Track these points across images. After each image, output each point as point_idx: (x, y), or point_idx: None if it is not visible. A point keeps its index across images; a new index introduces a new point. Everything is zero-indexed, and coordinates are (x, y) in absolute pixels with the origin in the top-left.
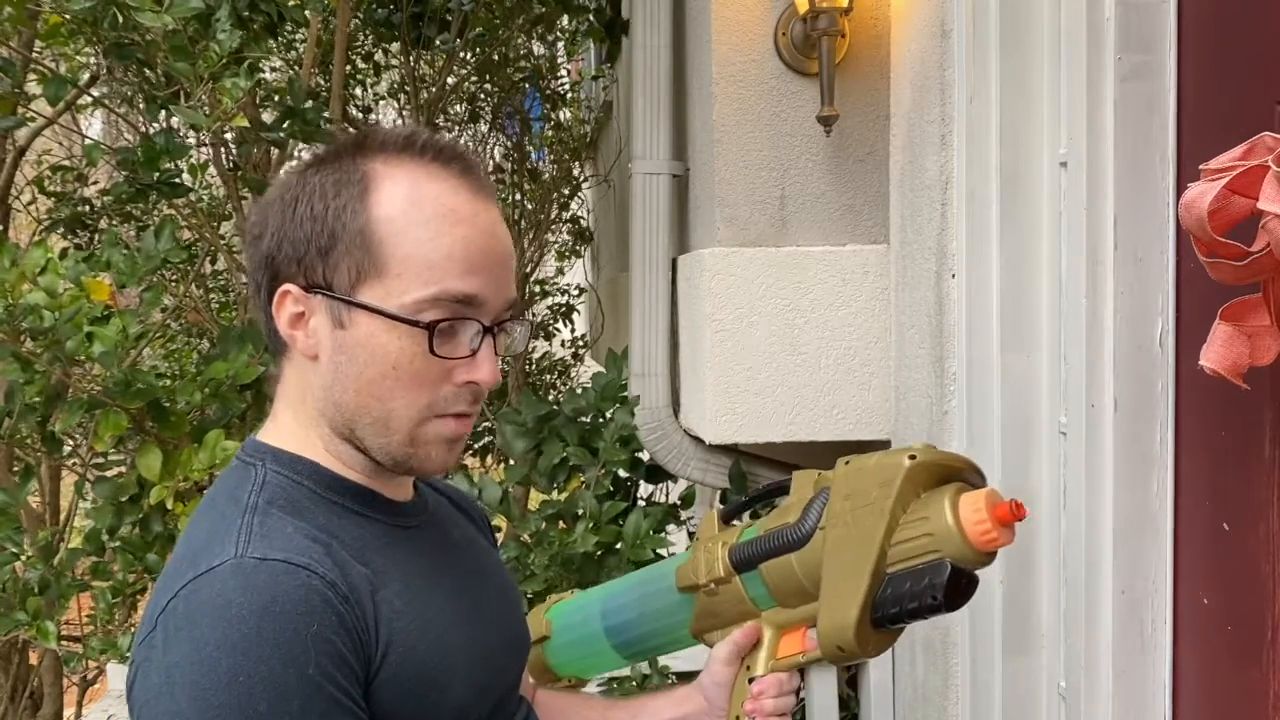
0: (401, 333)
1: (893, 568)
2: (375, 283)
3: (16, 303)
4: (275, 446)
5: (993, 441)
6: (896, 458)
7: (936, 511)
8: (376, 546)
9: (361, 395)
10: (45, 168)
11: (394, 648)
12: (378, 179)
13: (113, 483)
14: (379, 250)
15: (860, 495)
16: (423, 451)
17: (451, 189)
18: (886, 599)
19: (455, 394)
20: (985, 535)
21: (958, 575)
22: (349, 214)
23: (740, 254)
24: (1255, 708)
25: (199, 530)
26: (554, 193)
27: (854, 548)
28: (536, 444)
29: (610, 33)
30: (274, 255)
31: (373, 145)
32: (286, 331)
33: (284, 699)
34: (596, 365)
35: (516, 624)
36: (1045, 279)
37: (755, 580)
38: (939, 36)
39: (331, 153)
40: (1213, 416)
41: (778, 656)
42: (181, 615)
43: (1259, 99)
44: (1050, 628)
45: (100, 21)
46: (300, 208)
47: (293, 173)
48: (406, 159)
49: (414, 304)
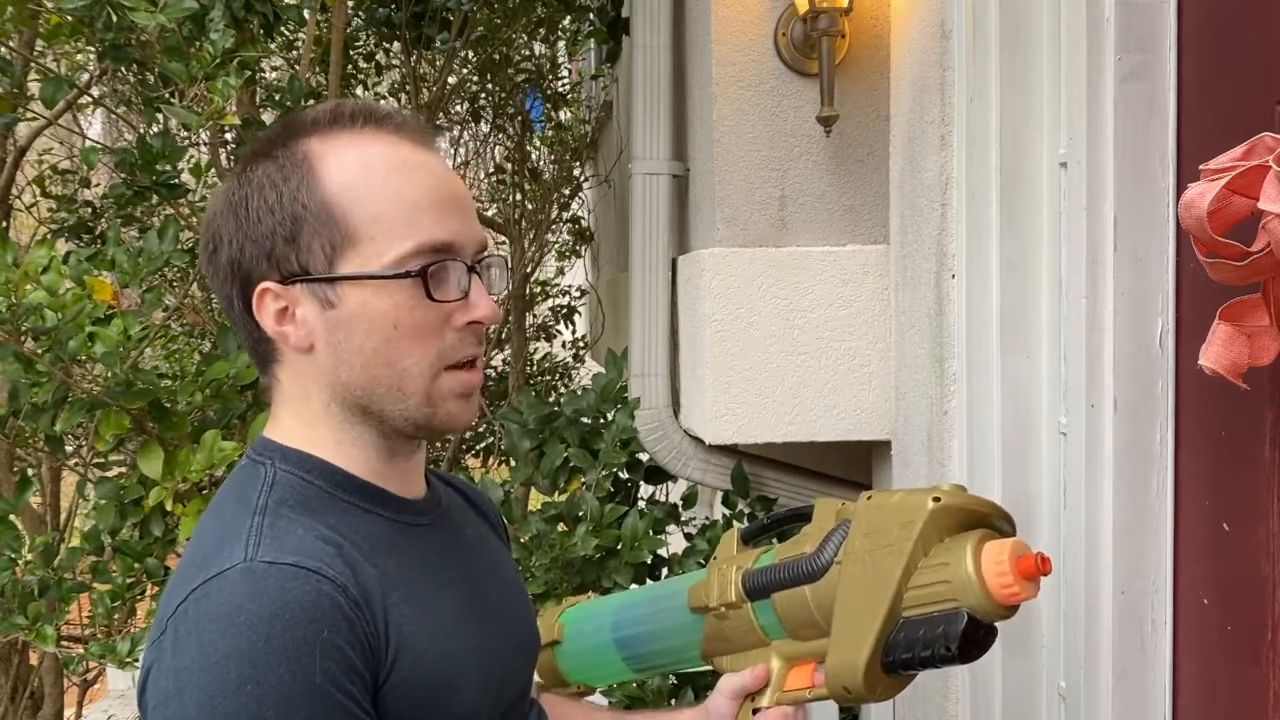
0: (393, 290)
1: (908, 612)
2: (351, 253)
3: (19, 302)
4: (284, 445)
5: (993, 441)
6: (920, 498)
7: (957, 559)
8: (387, 547)
9: (370, 366)
10: (46, 168)
11: (404, 653)
12: (319, 156)
13: (114, 483)
14: (346, 220)
15: (880, 534)
16: (442, 410)
17: (394, 144)
18: (898, 644)
19: (460, 338)
20: (1007, 589)
21: (974, 626)
22: (305, 194)
23: (740, 254)
24: (1255, 708)
25: (209, 531)
26: (554, 193)
27: (869, 588)
28: (538, 444)
29: (612, 33)
30: (238, 261)
31: (302, 127)
32: (274, 329)
33: (292, 707)
34: (597, 366)
35: (527, 625)
36: (1045, 279)
37: (767, 609)
38: (939, 37)
39: (262, 147)
40: (1213, 416)
41: (784, 689)
42: (191, 619)
43: (1259, 99)
44: (1050, 628)
45: (95, 21)
46: (252, 204)
47: (230, 180)
48: (339, 130)
49: (396, 260)
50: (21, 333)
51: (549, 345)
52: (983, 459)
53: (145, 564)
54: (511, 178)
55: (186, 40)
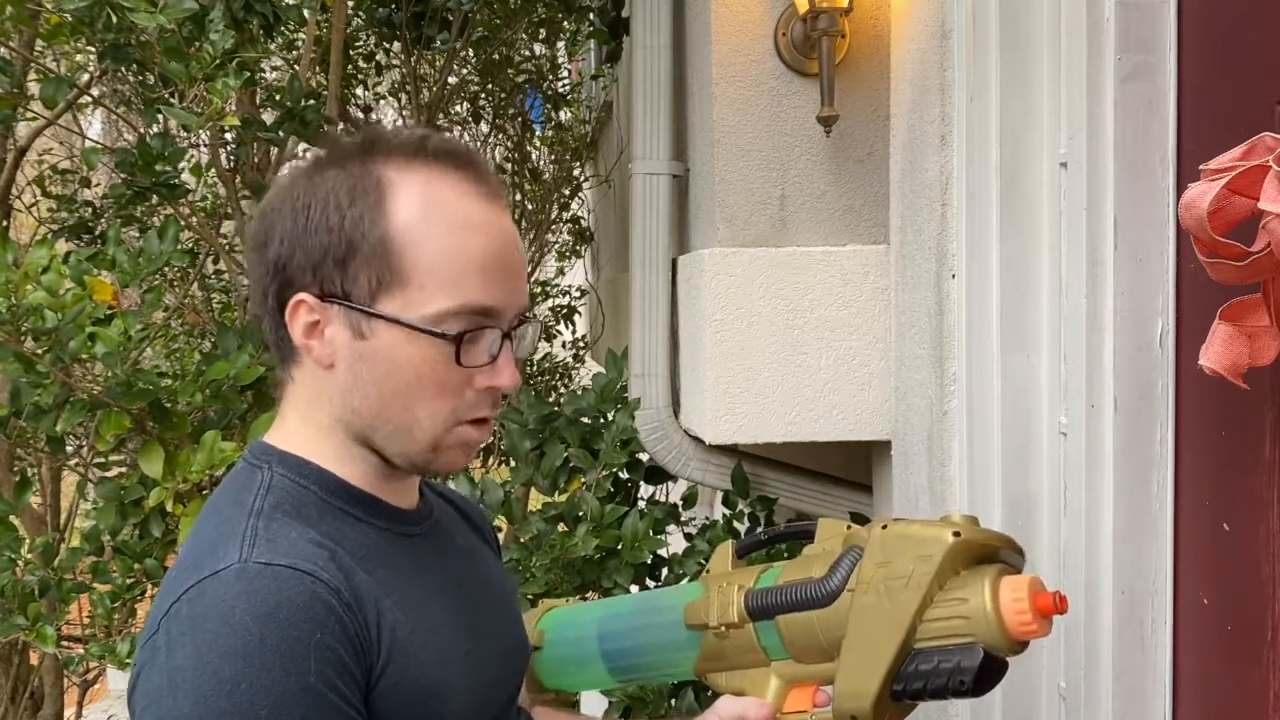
0: (424, 343)
1: (921, 644)
2: (397, 293)
3: (19, 302)
4: (282, 450)
5: (993, 441)
6: (939, 531)
7: (975, 593)
8: (380, 555)
9: (385, 403)
10: (46, 168)
11: (395, 657)
12: (393, 186)
13: (115, 483)
14: (400, 261)
15: (897, 565)
16: (444, 457)
17: (467, 195)
18: (911, 674)
19: (477, 399)
20: (1024, 626)
21: (990, 661)
22: (367, 223)
23: (740, 254)
24: (1255, 708)
25: (204, 533)
26: (554, 193)
27: (884, 618)
28: (538, 445)
29: (612, 33)
30: (285, 263)
31: (382, 149)
32: (301, 341)
33: (285, 707)
34: (597, 365)
35: (517, 634)
36: (1045, 279)
37: (770, 630)
38: (939, 36)
39: (339, 156)
40: (1213, 416)
41: (784, 711)
42: (185, 619)
43: (1259, 99)
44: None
45: (95, 22)
46: (314, 215)
47: (298, 177)
48: (419, 165)
49: (436, 315)
50: (22, 333)
51: (549, 345)
52: (983, 459)
53: (145, 564)
54: (512, 178)
55: (186, 41)
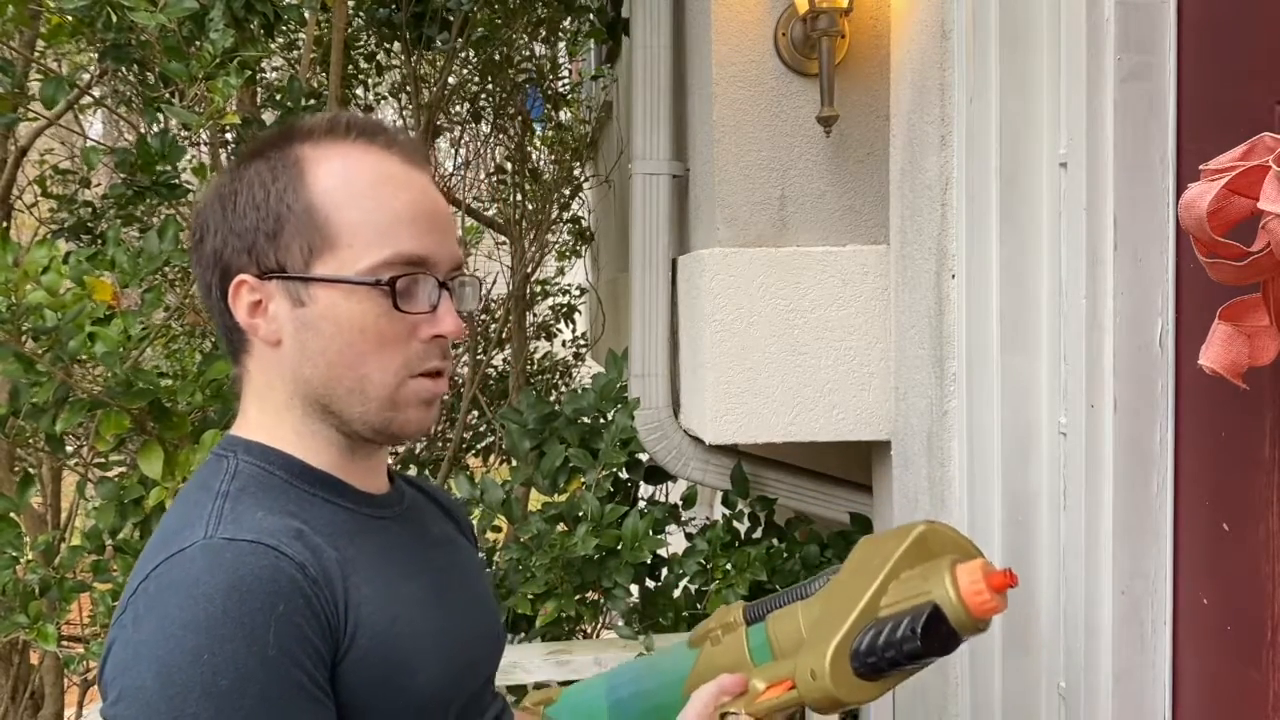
0: (362, 296)
1: (883, 613)
2: (328, 255)
3: (19, 302)
4: (247, 439)
5: (993, 441)
6: (913, 523)
7: (936, 580)
8: (347, 533)
9: (333, 367)
10: (47, 168)
11: (362, 631)
12: (310, 160)
13: (115, 483)
14: (327, 224)
15: (871, 554)
16: (402, 415)
17: (385, 159)
18: (867, 634)
19: (425, 350)
20: (983, 603)
21: (941, 618)
22: (291, 195)
23: (740, 254)
24: (1255, 708)
25: (172, 518)
26: (554, 193)
27: (849, 592)
28: (538, 444)
29: (612, 33)
30: (220, 251)
31: (299, 134)
32: (246, 321)
33: (246, 679)
34: (597, 365)
35: (491, 620)
36: (1045, 279)
37: (759, 630)
38: (939, 37)
39: (258, 147)
40: (1213, 416)
41: (758, 701)
42: (151, 595)
43: (1259, 99)
44: (1050, 627)
45: (95, 21)
46: (240, 199)
47: (223, 173)
48: (333, 140)
49: (369, 268)
50: (22, 333)
51: (549, 344)
52: (983, 459)
53: None
54: (512, 178)
55: (186, 40)
